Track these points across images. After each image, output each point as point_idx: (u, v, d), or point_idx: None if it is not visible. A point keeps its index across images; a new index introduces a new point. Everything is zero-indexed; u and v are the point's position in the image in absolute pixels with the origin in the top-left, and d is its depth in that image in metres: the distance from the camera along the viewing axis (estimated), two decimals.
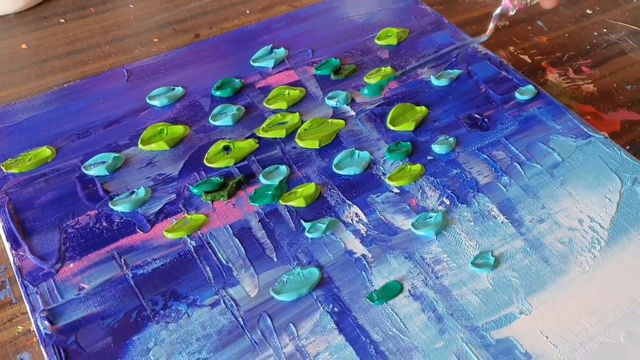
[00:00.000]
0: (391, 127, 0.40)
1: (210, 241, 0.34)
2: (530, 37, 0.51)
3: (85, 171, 0.38)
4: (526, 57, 0.49)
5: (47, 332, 0.30)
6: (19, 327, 0.33)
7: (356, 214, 0.36)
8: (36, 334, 0.31)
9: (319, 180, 0.38)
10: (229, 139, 0.40)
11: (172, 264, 0.33)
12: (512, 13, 0.40)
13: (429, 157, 0.39)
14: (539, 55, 0.49)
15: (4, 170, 0.38)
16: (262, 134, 0.40)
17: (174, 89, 0.44)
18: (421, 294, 0.32)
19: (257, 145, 0.40)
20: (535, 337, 0.30)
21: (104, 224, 0.35)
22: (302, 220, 0.35)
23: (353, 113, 0.42)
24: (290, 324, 0.31)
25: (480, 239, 0.34)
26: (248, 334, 0.31)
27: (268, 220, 0.36)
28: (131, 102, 0.43)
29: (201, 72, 0.45)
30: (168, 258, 0.34)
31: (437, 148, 0.39)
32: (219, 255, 0.34)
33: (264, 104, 0.43)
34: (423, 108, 0.42)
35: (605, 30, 0.52)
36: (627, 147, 0.42)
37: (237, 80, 0.44)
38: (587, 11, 0.54)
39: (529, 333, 0.30)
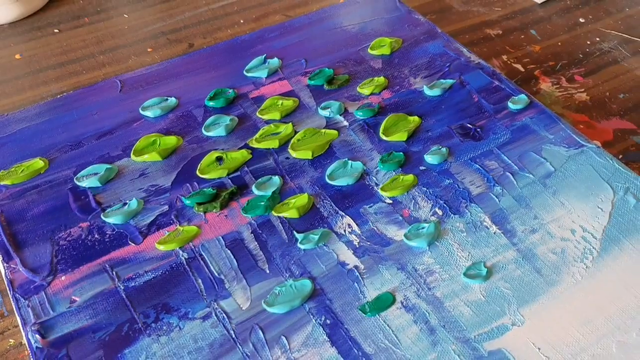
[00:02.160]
0: (384, 137, 0.41)
1: (203, 253, 0.34)
2: (523, 45, 0.52)
3: (77, 183, 0.38)
4: (519, 66, 0.49)
5: (38, 346, 0.30)
6: (10, 340, 0.33)
7: (349, 224, 0.36)
8: (27, 347, 0.31)
9: (312, 191, 0.38)
10: (222, 149, 0.40)
11: (164, 276, 0.33)
12: None
13: (422, 168, 0.39)
14: (532, 64, 0.50)
15: None
16: (255, 145, 0.40)
17: (167, 99, 0.44)
18: (413, 305, 0.32)
19: (250, 156, 0.40)
20: (527, 349, 0.30)
21: (96, 235, 0.35)
22: (294, 232, 0.35)
23: (346, 123, 0.42)
24: (282, 337, 0.31)
25: (472, 250, 0.34)
26: (240, 346, 0.30)
27: (260, 231, 0.35)
28: (124, 112, 0.43)
29: (194, 83, 0.45)
30: (160, 270, 0.34)
31: (430, 158, 0.39)
32: (211, 267, 0.34)
33: (257, 114, 0.43)
34: (416, 118, 0.42)
35: (598, 38, 0.52)
36: (620, 157, 0.42)
37: (230, 91, 0.44)
38: (580, 20, 0.54)
39: (521, 344, 0.30)
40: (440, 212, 0.36)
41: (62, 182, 0.38)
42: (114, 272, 0.34)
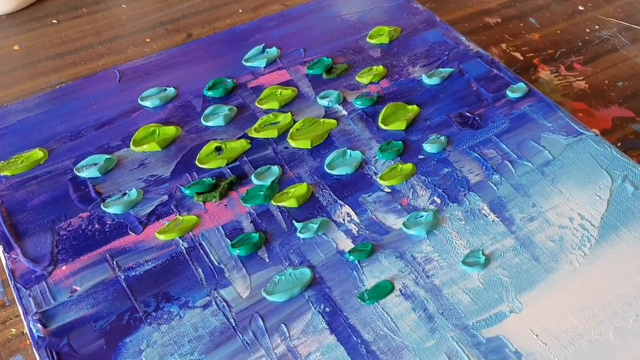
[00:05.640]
0: (383, 127, 0.41)
1: (202, 242, 0.35)
2: (522, 34, 0.51)
3: (77, 173, 0.38)
4: (518, 55, 0.49)
5: (39, 335, 0.31)
6: (12, 329, 0.33)
7: (348, 213, 0.36)
8: (29, 336, 0.32)
9: (311, 181, 0.38)
10: (221, 139, 0.40)
11: (164, 266, 0.34)
12: None
13: (420, 156, 0.39)
14: (530, 53, 0.50)
15: None
16: (254, 134, 0.40)
17: (165, 89, 0.44)
18: (412, 293, 0.32)
19: (249, 146, 0.40)
20: (525, 336, 0.30)
21: (96, 225, 0.36)
22: (294, 221, 0.35)
23: (345, 112, 0.42)
24: (282, 325, 0.31)
25: (471, 238, 0.34)
26: (240, 334, 0.31)
27: (260, 220, 0.36)
28: (123, 103, 0.43)
29: (193, 72, 0.45)
30: (160, 260, 0.34)
31: (429, 147, 0.39)
32: (211, 256, 0.34)
33: (256, 104, 0.43)
34: (414, 107, 0.42)
35: (597, 26, 0.52)
36: (619, 144, 0.42)
37: (229, 81, 0.44)
38: (579, 7, 0.54)
39: (519, 331, 0.30)
40: (438, 201, 0.36)
41: (62, 172, 0.38)
42: (114, 262, 0.34)
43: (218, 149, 0.39)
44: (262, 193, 0.37)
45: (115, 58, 0.50)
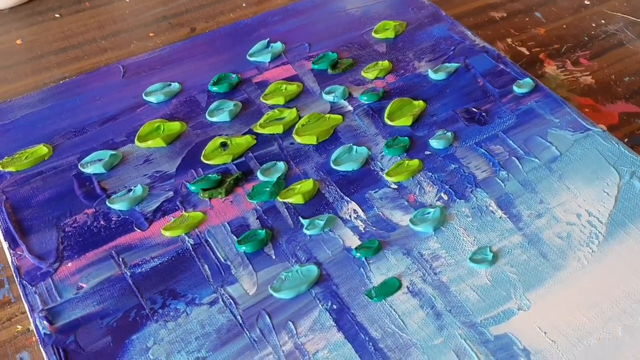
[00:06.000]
0: (389, 122, 0.40)
1: (209, 239, 0.34)
2: (528, 28, 0.51)
3: (82, 169, 0.38)
4: (524, 49, 0.49)
5: (46, 332, 0.31)
6: (18, 326, 0.33)
7: (354, 210, 0.36)
8: (35, 333, 0.31)
9: (317, 177, 0.38)
10: (226, 135, 0.40)
11: (171, 263, 0.33)
12: None
13: (427, 152, 0.39)
14: (536, 47, 0.49)
15: (1, 169, 0.38)
16: (259, 130, 0.40)
17: (170, 84, 0.43)
18: (419, 290, 0.32)
19: (255, 142, 0.40)
20: (533, 333, 0.30)
21: (102, 222, 0.35)
22: (300, 217, 0.35)
23: (351, 108, 0.42)
24: (289, 322, 0.31)
25: (478, 235, 0.34)
26: (247, 332, 0.31)
27: (266, 217, 0.35)
28: (127, 98, 0.43)
29: (197, 67, 0.45)
30: (166, 256, 0.34)
31: (435, 143, 0.39)
32: (217, 253, 0.34)
33: (261, 99, 0.42)
34: (421, 102, 0.41)
35: (603, 21, 0.52)
36: (625, 140, 0.42)
37: (233, 76, 0.44)
38: (585, 2, 0.54)
39: (527, 329, 0.30)
40: (445, 197, 0.36)
41: (67, 168, 0.38)
42: (120, 259, 0.34)
43: (223, 145, 0.39)
44: (268, 189, 0.36)
45: (118, 53, 0.49)
